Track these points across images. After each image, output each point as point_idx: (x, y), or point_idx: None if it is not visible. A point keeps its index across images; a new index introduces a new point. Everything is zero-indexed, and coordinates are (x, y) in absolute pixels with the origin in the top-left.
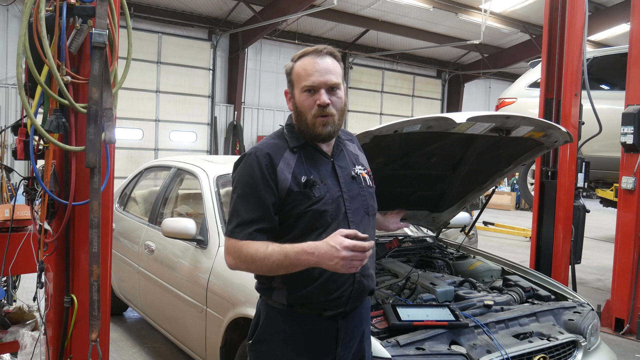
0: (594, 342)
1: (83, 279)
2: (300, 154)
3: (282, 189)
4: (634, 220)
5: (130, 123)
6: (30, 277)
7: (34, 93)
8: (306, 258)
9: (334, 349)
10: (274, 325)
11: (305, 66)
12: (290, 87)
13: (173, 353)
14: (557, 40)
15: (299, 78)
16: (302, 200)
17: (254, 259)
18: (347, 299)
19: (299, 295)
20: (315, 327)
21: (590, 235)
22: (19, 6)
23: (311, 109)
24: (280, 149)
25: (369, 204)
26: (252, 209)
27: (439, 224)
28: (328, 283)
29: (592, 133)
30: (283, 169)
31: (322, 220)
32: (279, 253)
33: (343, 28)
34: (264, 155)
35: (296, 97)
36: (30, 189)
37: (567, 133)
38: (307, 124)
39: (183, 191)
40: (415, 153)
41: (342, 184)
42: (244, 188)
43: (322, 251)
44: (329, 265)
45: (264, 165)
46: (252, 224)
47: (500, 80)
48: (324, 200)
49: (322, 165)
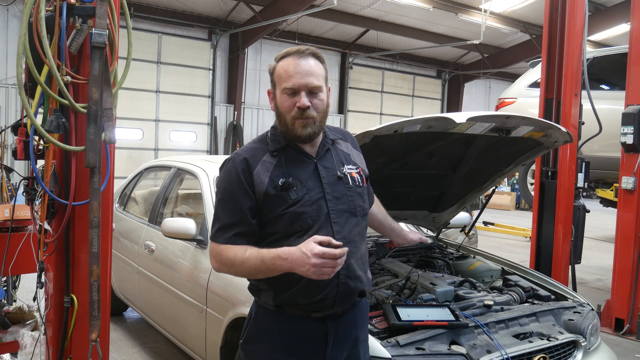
0: (594, 342)
1: (83, 279)
2: (280, 156)
3: (258, 193)
4: (634, 220)
5: (130, 123)
6: (30, 277)
7: (34, 93)
8: (280, 263)
9: (323, 351)
10: (263, 325)
11: (287, 67)
12: (273, 87)
13: (173, 353)
14: (557, 40)
15: (280, 79)
16: (278, 203)
17: (233, 262)
18: (333, 301)
19: (284, 296)
20: (303, 328)
21: (590, 235)
22: (19, 6)
23: (290, 111)
24: (259, 153)
25: (357, 204)
26: (230, 213)
27: (439, 224)
28: (310, 285)
29: (592, 133)
30: (260, 172)
31: (301, 222)
32: (256, 258)
33: (343, 28)
34: (240, 160)
35: (277, 98)
36: (30, 189)
37: (567, 133)
38: (287, 125)
39: (183, 191)
40: (415, 153)
41: (325, 185)
42: (223, 193)
43: (295, 257)
44: (301, 271)
45: (240, 170)
46: (230, 228)
47: (500, 80)
48: (302, 202)
49: (303, 166)
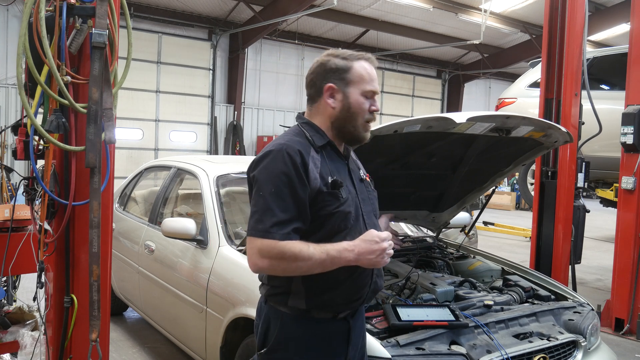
0: (594, 342)
1: (83, 279)
2: (322, 154)
3: (313, 189)
4: (634, 220)
5: (130, 123)
6: (30, 277)
7: (34, 93)
8: (347, 255)
9: (345, 350)
10: (289, 332)
11: (368, 70)
12: (343, 85)
13: (173, 353)
14: (557, 40)
15: (362, 80)
16: (330, 201)
17: (297, 258)
18: (364, 299)
19: (322, 299)
20: (329, 329)
21: (590, 235)
22: (19, 6)
23: (365, 113)
24: (306, 148)
25: (375, 206)
26: (288, 207)
27: (439, 224)
28: (352, 285)
29: (592, 133)
30: (312, 168)
31: (346, 221)
32: (321, 252)
33: (343, 28)
34: (295, 152)
35: (353, 97)
36: (30, 189)
37: (567, 133)
38: (357, 126)
39: (183, 191)
40: (415, 153)
41: (357, 187)
42: (277, 185)
43: (361, 247)
44: (369, 259)
45: (298, 162)
46: (289, 223)
47: (500, 80)
48: (349, 201)
49: (341, 166)
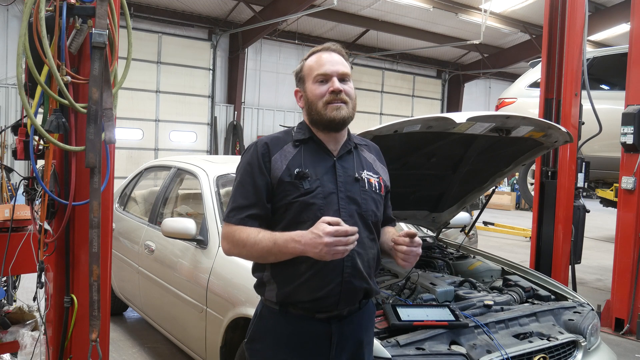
0: (594, 342)
1: (83, 279)
2: (301, 148)
3: (274, 177)
4: (634, 220)
5: (130, 123)
6: (30, 277)
7: (34, 93)
8: (293, 246)
9: (327, 352)
10: (268, 324)
11: (317, 59)
12: (301, 84)
13: (173, 353)
14: (557, 40)
15: (311, 70)
16: (291, 190)
17: (245, 243)
18: (337, 299)
19: (286, 291)
20: (307, 328)
21: (590, 235)
22: (19, 6)
23: (322, 97)
24: (281, 142)
25: (369, 208)
26: (246, 195)
27: (439, 224)
28: (314, 280)
29: (592, 133)
30: (278, 159)
31: (309, 213)
32: (269, 240)
33: (343, 28)
34: (262, 144)
35: (307, 90)
36: (30, 189)
37: (567, 133)
38: (319, 111)
39: (183, 191)
40: (415, 153)
41: (340, 183)
42: (241, 175)
43: (307, 239)
44: (314, 252)
45: (260, 153)
46: (245, 209)
47: (500, 80)
48: (314, 193)
49: (322, 162)
